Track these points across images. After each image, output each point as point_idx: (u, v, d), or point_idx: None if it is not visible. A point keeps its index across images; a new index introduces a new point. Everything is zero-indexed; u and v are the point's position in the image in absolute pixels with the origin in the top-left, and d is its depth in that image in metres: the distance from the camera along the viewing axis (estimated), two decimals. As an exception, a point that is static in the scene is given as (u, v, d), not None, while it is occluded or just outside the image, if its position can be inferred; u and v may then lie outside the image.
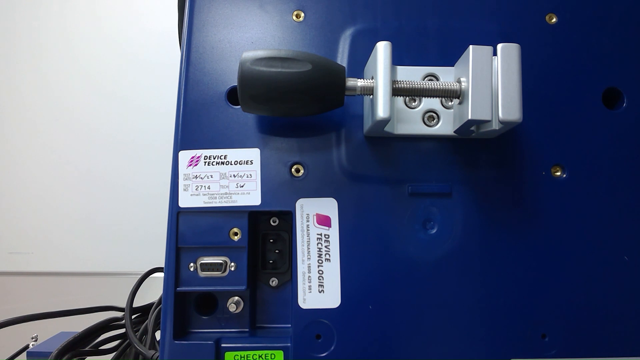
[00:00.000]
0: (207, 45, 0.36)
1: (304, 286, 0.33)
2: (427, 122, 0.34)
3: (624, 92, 0.36)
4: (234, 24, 0.36)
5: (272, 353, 0.32)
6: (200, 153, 0.34)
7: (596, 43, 0.36)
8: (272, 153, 0.34)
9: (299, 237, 0.34)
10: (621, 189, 0.35)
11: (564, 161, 0.35)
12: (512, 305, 0.33)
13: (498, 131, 0.31)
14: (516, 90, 0.29)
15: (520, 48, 0.29)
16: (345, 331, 0.33)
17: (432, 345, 0.33)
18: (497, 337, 0.33)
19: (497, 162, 0.35)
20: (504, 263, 0.34)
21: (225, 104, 0.35)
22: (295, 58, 0.30)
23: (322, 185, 0.34)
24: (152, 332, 0.41)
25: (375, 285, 0.33)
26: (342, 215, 0.34)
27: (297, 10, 0.36)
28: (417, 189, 0.34)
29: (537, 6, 0.37)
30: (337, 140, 0.35)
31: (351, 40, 0.36)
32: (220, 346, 0.33)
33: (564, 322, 0.33)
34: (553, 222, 0.34)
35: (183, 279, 0.34)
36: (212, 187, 0.34)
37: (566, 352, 0.33)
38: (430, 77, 0.34)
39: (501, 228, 0.34)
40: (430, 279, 0.33)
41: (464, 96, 0.30)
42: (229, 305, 0.34)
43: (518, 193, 0.34)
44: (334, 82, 0.30)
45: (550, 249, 0.34)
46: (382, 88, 0.29)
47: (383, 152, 0.35)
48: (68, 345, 0.39)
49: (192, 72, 0.35)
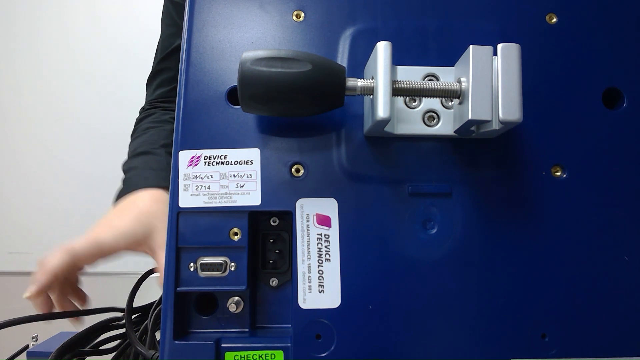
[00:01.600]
0: (207, 45, 0.36)
1: (304, 286, 0.33)
2: (427, 122, 0.34)
3: (624, 92, 0.36)
4: (234, 24, 0.36)
5: (272, 353, 0.32)
6: (200, 153, 0.34)
7: (596, 43, 0.36)
8: (272, 153, 0.34)
9: (299, 237, 0.34)
10: (621, 189, 0.35)
11: (564, 161, 0.35)
12: (512, 305, 0.33)
13: (498, 131, 0.31)
14: (516, 90, 0.29)
15: (520, 48, 0.29)
16: (345, 331, 0.33)
17: (432, 345, 0.33)
18: (497, 337, 0.33)
19: (497, 162, 0.35)
20: (504, 263, 0.34)
21: (225, 104, 0.35)
22: (295, 58, 0.30)
23: (322, 185, 0.34)
24: (151, 332, 0.41)
25: (375, 285, 0.33)
26: (342, 215, 0.34)
27: (297, 10, 0.36)
28: (417, 189, 0.34)
29: (537, 6, 0.37)
30: (337, 140, 0.35)
31: (351, 40, 0.36)
32: (220, 346, 0.33)
33: (564, 322, 0.33)
34: (553, 222, 0.34)
35: (183, 279, 0.34)
36: (212, 187, 0.34)
37: (566, 352, 0.33)
38: (431, 77, 0.34)
39: (501, 228, 0.34)
40: (431, 279, 0.33)
41: (464, 96, 0.30)
42: (229, 305, 0.34)
43: (518, 193, 0.34)
44: (334, 82, 0.30)
45: (550, 249, 0.34)
46: (382, 88, 0.29)
47: (383, 152, 0.35)
48: (68, 345, 0.39)
49: (192, 72, 0.35)
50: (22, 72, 1.37)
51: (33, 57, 1.37)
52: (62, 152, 1.36)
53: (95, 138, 1.35)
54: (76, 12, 1.38)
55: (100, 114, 1.35)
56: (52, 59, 1.37)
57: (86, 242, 0.42)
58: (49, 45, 1.37)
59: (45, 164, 1.36)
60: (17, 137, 1.37)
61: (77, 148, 1.36)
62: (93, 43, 1.36)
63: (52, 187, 1.35)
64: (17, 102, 1.37)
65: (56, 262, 0.40)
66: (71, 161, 1.35)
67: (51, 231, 1.35)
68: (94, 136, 1.35)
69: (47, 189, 1.35)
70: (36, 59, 1.37)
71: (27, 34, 1.38)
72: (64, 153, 1.35)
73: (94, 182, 1.34)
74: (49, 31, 1.37)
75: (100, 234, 0.43)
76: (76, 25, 1.37)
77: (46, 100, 1.37)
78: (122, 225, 0.44)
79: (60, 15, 1.38)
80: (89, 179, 1.35)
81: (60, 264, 0.40)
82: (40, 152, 1.36)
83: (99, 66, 1.36)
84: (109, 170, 1.29)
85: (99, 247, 0.42)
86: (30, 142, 1.36)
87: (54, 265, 0.39)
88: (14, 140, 1.37)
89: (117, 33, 1.36)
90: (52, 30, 1.37)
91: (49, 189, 1.35)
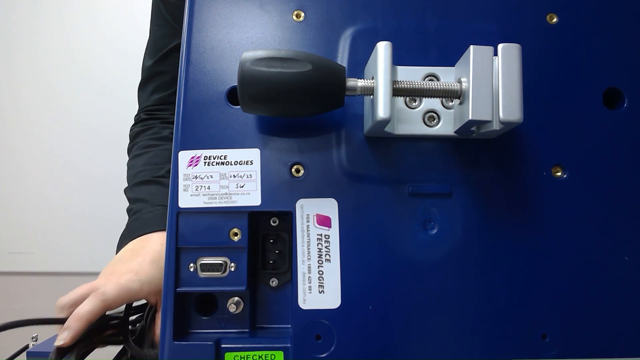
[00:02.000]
0: (207, 45, 0.36)
1: (304, 286, 0.33)
2: (428, 123, 0.34)
3: (625, 92, 0.36)
4: (234, 24, 0.36)
5: (272, 353, 0.32)
6: (200, 153, 0.34)
7: (597, 43, 0.36)
8: (272, 153, 0.34)
9: (299, 237, 0.34)
10: (621, 189, 0.35)
11: (564, 161, 0.35)
12: (512, 306, 0.33)
13: (498, 131, 0.31)
14: (517, 90, 0.29)
15: (520, 48, 0.29)
16: (346, 332, 0.33)
17: (432, 346, 0.33)
18: (497, 338, 0.33)
19: (498, 162, 0.35)
20: (504, 263, 0.34)
21: (225, 104, 0.35)
22: (295, 58, 0.30)
23: (322, 186, 0.34)
24: (149, 333, 0.41)
25: (375, 286, 0.33)
26: (342, 215, 0.34)
27: (297, 10, 0.36)
28: (417, 189, 0.34)
29: (537, 6, 0.37)
30: (337, 140, 0.35)
31: (351, 40, 0.36)
32: (220, 347, 0.33)
33: (565, 323, 0.33)
34: (553, 222, 0.34)
35: (183, 280, 0.33)
36: (212, 188, 0.34)
37: (567, 352, 0.33)
38: (431, 77, 0.34)
39: (501, 228, 0.34)
40: (431, 279, 0.33)
41: (465, 96, 0.30)
42: (229, 305, 0.34)
43: (518, 193, 0.34)
44: (334, 82, 0.30)
45: (550, 249, 0.34)
46: (382, 88, 0.29)
47: (383, 153, 0.34)
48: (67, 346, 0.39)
49: (192, 72, 0.35)
50: (22, 72, 1.37)
51: (33, 57, 1.37)
52: (62, 152, 1.35)
53: (95, 138, 1.35)
54: (76, 12, 1.38)
55: (100, 114, 1.35)
56: (52, 59, 1.36)
57: (116, 288, 0.42)
58: (49, 45, 1.37)
59: (45, 164, 1.36)
60: (17, 137, 1.36)
61: (77, 148, 1.36)
62: (93, 43, 1.36)
63: (52, 187, 1.35)
64: (17, 102, 1.37)
65: (89, 309, 0.39)
66: (71, 161, 1.35)
67: (51, 231, 1.35)
68: (94, 136, 1.35)
69: (47, 189, 1.35)
70: (36, 59, 1.37)
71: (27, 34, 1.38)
72: (63, 153, 1.35)
73: (94, 182, 1.34)
74: (49, 31, 1.37)
75: (129, 282, 0.43)
76: (76, 25, 1.37)
77: (46, 100, 1.37)
78: (144, 271, 0.45)
79: (60, 15, 1.38)
80: (89, 178, 1.35)
81: (93, 311, 0.39)
82: (40, 152, 1.36)
83: (98, 66, 1.36)
84: (109, 170, 1.29)
85: (129, 295, 0.43)
86: (30, 142, 1.36)
87: (86, 311, 0.39)
88: (14, 140, 1.36)
89: (117, 33, 1.36)
90: (52, 30, 1.37)
91: (49, 189, 1.35)
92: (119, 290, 0.42)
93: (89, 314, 0.39)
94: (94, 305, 0.40)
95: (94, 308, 0.40)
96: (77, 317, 0.39)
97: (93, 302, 0.40)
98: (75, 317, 0.39)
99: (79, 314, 0.39)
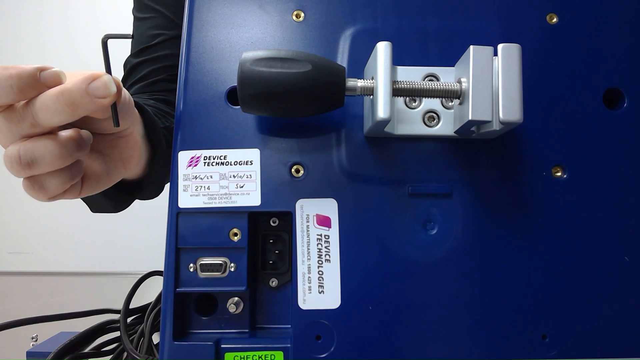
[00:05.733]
0: (207, 45, 0.36)
1: (304, 287, 0.33)
2: (428, 123, 0.34)
3: (625, 92, 0.36)
4: (234, 24, 0.36)
5: (272, 354, 0.32)
6: (200, 153, 0.34)
7: (597, 43, 0.36)
8: (272, 153, 0.34)
9: (299, 237, 0.33)
10: (621, 189, 0.35)
11: (564, 161, 0.35)
12: (512, 306, 0.33)
13: (498, 132, 0.31)
14: (517, 90, 0.29)
15: (520, 48, 0.29)
16: (345, 332, 0.33)
17: (432, 346, 0.33)
18: (497, 338, 0.33)
19: (498, 162, 0.35)
20: (504, 263, 0.34)
21: (225, 104, 0.35)
22: (295, 58, 0.30)
23: (322, 186, 0.34)
24: (148, 336, 0.41)
25: (375, 286, 0.33)
26: (342, 215, 0.34)
27: (297, 10, 0.36)
28: (417, 189, 0.34)
29: (537, 6, 0.37)
30: (337, 140, 0.35)
31: (351, 40, 0.36)
32: (220, 347, 0.33)
33: (565, 323, 0.33)
34: (553, 222, 0.34)
35: (183, 280, 0.33)
36: (212, 188, 0.34)
37: (567, 352, 0.33)
38: (431, 78, 0.34)
39: (501, 228, 0.34)
40: (431, 279, 0.33)
41: (465, 96, 0.30)
42: (228, 306, 0.34)
43: (518, 193, 0.34)
44: (334, 82, 0.30)
45: (550, 249, 0.34)
46: (382, 88, 0.29)
47: (383, 153, 0.34)
48: (65, 348, 0.39)
49: (192, 72, 0.35)
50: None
51: (32, 57, 1.37)
52: (62, 152, 1.35)
53: (95, 138, 1.35)
54: (76, 12, 1.38)
55: (100, 114, 1.35)
56: (52, 59, 1.37)
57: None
58: (48, 45, 1.37)
59: (45, 164, 1.35)
60: (17, 136, 1.36)
61: (77, 148, 1.35)
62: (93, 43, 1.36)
63: (52, 187, 1.35)
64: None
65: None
66: (71, 161, 1.35)
67: (51, 231, 1.35)
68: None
69: (47, 189, 1.35)
70: (36, 59, 1.37)
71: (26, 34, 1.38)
72: (63, 153, 1.35)
73: (94, 182, 1.34)
74: (49, 31, 1.37)
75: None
76: (76, 25, 1.37)
77: (46, 100, 1.36)
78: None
79: (60, 15, 1.38)
80: (89, 179, 1.34)
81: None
82: (40, 152, 1.36)
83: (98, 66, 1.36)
84: (109, 170, 1.29)
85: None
86: (30, 142, 1.36)
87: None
88: (13, 140, 1.36)
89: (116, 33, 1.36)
90: (52, 30, 1.37)
91: (49, 189, 1.35)
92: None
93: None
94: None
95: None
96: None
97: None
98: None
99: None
